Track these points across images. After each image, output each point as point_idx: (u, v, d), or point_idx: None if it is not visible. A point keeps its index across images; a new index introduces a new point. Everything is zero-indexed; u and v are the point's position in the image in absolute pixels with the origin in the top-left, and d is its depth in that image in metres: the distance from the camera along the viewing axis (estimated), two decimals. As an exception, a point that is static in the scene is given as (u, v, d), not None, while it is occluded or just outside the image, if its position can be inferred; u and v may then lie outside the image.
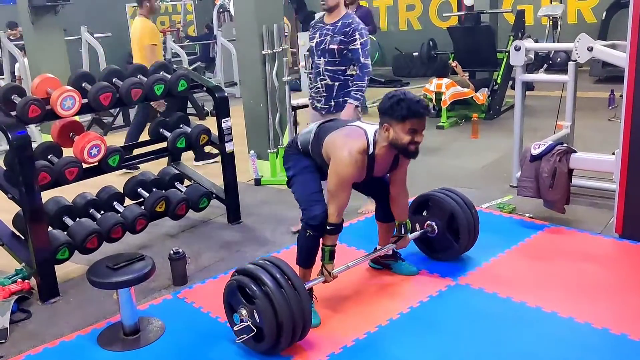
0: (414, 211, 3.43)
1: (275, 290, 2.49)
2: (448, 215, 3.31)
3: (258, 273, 2.55)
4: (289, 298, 2.49)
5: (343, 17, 3.79)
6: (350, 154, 2.72)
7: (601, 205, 4.15)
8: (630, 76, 3.42)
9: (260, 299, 2.49)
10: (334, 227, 2.82)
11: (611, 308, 2.86)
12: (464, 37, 7.82)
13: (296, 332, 2.54)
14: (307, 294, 2.61)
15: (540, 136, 4.38)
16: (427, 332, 2.78)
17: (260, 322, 2.51)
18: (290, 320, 2.49)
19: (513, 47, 4.52)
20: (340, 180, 2.74)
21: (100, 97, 3.46)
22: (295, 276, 2.61)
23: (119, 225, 3.64)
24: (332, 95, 3.86)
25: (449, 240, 3.36)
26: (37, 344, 2.88)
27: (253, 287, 2.52)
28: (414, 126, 2.67)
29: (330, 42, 3.76)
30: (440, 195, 3.37)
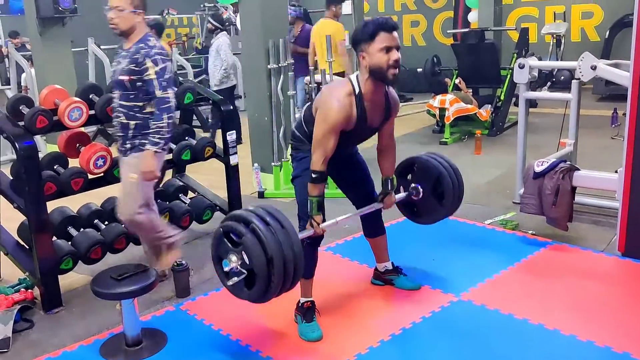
0: (399, 174, 3.34)
1: (262, 226, 2.39)
2: (434, 178, 3.25)
3: (243, 215, 2.47)
4: (277, 233, 2.39)
5: (138, 41, 3.16)
6: (337, 99, 2.68)
7: (604, 223, 4.15)
8: (633, 95, 3.44)
9: (246, 235, 2.39)
10: (318, 175, 2.73)
11: (614, 326, 2.86)
12: (468, 53, 7.87)
13: (288, 271, 2.42)
14: (295, 232, 2.50)
15: (544, 153, 4.39)
16: (429, 348, 2.78)
17: (250, 262, 2.40)
18: (281, 256, 2.38)
19: (517, 65, 4.56)
20: (327, 126, 2.67)
21: (107, 108, 3.48)
22: (283, 215, 2.50)
23: (122, 236, 3.66)
24: (127, 136, 3.23)
25: (433, 204, 3.30)
26: (40, 354, 2.89)
27: (239, 228, 2.43)
28: (384, 42, 2.63)
29: (119, 72, 3.17)
30: (426, 158, 3.29)
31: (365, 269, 3.55)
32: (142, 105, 3.17)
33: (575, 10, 10.42)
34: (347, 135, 2.76)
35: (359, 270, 3.58)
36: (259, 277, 2.40)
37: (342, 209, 3.05)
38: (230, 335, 2.95)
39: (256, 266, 2.39)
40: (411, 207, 3.42)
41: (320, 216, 2.80)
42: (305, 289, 2.97)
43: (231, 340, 2.91)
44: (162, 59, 3.12)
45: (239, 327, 3.02)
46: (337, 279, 3.46)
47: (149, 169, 3.14)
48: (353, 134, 2.80)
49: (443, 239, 4.03)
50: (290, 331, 2.95)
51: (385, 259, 3.34)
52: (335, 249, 3.91)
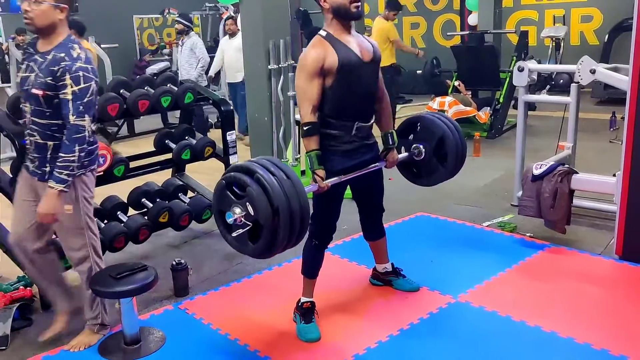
0: (401, 133, 3.27)
1: (267, 176, 2.32)
2: (437, 138, 3.15)
3: (246, 166, 2.40)
4: (282, 183, 2.33)
5: (58, 46, 2.58)
6: (308, 47, 2.70)
7: (601, 227, 4.17)
8: (632, 99, 3.45)
9: (251, 186, 2.31)
10: (310, 126, 2.67)
11: (610, 329, 2.88)
12: (468, 56, 7.89)
13: (294, 222, 2.35)
14: (300, 182, 2.43)
15: (542, 156, 4.41)
16: (427, 349, 2.79)
17: (255, 212, 2.31)
18: (287, 206, 2.30)
19: (516, 68, 4.57)
20: (305, 71, 2.64)
21: (108, 107, 3.49)
22: (287, 166, 2.46)
23: (122, 234, 3.66)
24: (45, 158, 2.67)
25: (434, 165, 3.22)
26: (38, 352, 2.89)
27: (243, 178, 2.34)
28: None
29: (33, 83, 2.58)
30: (430, 118, 3.20)
31: (364, 269, 3.56)
32: (61, 123, 2.58)
33: (575, 13, 10.45)
34: (345, 79, 2.69)
35: (358, 271, 3.59)
36: (265, 228, 2.32)
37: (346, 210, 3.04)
38: (228, 335, 2.96)
39: (262, 217, 2.29)
40: (412, 168, 3.32)
41: (323, 170, 2.71)
42: (307, 288, 2.98)
43: (229, 340, 2.92)
44: (86, 77, 2.53)
45: (238, 327, 3.03)
46: (336, 279, 3.47)
47: (48, 210, 2.57)
48: (350, 74, 2.70)
49: (441, 241, 4.04)
50: (289, 331, 2.95)
51: (384, 260, 3.35)
52: (334, 250, 3.92)
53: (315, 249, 2.92)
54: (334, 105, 2.73)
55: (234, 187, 2.42)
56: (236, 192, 2.41)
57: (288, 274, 3.59)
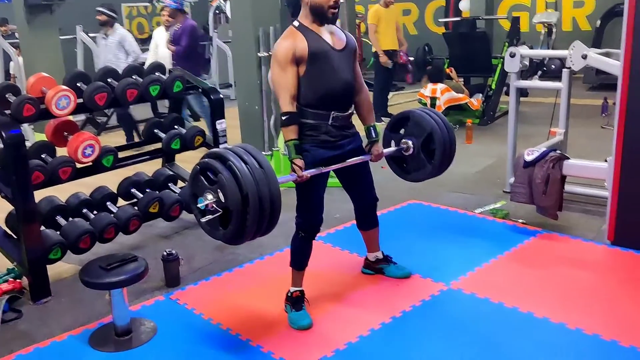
0: (391, 128, 3.28)
1: (238, 163, 2.36)
2: (426, 134, 3.15)
3: (221, 153, 2.44)
4: (253, 171, 2.36)
5: None
6: (280, 39, 2.74)
7: (593, 212, 4.17)
8: (623, 84, 3.44)
9: (222, 173, 2.35)
10: (288, 116, 2.69)
11: (602, 314, 2.88)
12: (460, 42, 7.86)
13: (264, 208, 2.38)
14: (272, 170, 2.46)
15: (534, 142, 4.40)
16: (419, 336, 2.78)
17: (225, 199, 2.36)
18: (256, 192, 2.34)
19: (508, 54, 4.55)
20: (278, 61, 2.68)
21: (96, 97, 3.45)
22: (261, 155, 2.48)
23: (112, 225, 3.63)
24: None
25: (422, 161, 3.23)
26: (28, 344, 2.87)
27: (216, 165, 2.39)
28: None
29: None
30: (420, 113, 3.19)
31: (356, 258, 3.55)
32: None
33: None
34: (318, 67, 2.70)
35: (350, 260, 3.58)
36: (234, 214, 2.36)
37: (335, 199, 3.03)
38: (220, 325, 2.94)
39: (231, 203, 2.35)
40: (401, 162, 3.32)
41: (301, 160, 2.71)
42: (296, 279, 2.97)
43: (221, 330, 2.91)
44: None
45: (229, 317, 3.01)
46: (327, 268, 3.46)
47: None
48: (323, 62, 2.71)
49: (433, 228, 4.03)
50: (280, 320, 2.94)
51: (376, 249, 3.35)
52: (325, 239, 3.91)
53: (302, 241, 2.90)
54: (309, 94, 2.74)
55: (208, 173, 2.45)
56: (210, 178, 2.45)
57: (280, 263, 3.57)
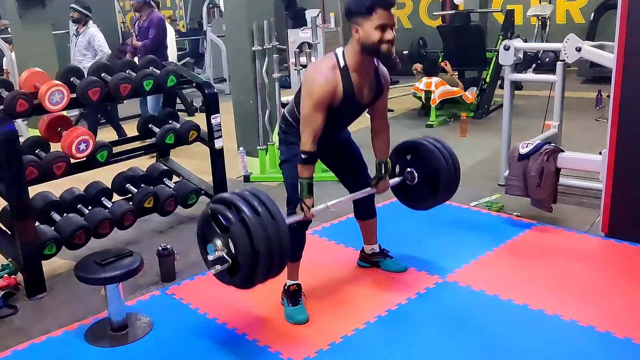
0: (398, 152, 3.27)
1: (252, 216, 2.33)
2: (432, 171, 3.15)
3: (234, 200, 2.40)
4: (266, 225, 2.34)
5: None
6: (320, 72, 2.61)
7: (588, 205, 4.19)
8: (617, 77, 3.45)
9: (235, 224, 2.33)
10: (308, 156, 2.66)
11: (597, 306, 2.90)
12: (454, 36, 7.86)
13: (273, 263, 2.41)
14: (284, 223, 2.45)
15: (528, 135, 4.41)
16: (415, 329, 2.79)
17: (235, 251, 2.36)
18: (267, 249, 2.34)
19: (502, 47, 4.55)
20: (312, 101, 2.59)
21: (89, 92, 3.43)
22: (273, 204, 2.44)
23: (106, 220, 3.62)
24: None
25: (423, 193, 3.24)
26: (24, 340, 2.86)
27: (228, 214, 2.36)
28: (381, 19, 2.51)
29: None
30: (431, 148, 3.16)
31: (352, 252, 3.55)
32: None
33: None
34: (335, 112, 2.69)
35: (345, 253, 3.59)
36: (243, 267, 2.38)
37: (330, 193, 3.03)
38: (216, 319, 2.94)
39: (241, 257, 2.36)
40: (404, 190, 3.33)
41: (311, 199, 2.73)
42: (292, 272, 2.97)
43: (217, 324, 2.91)
44: None
45: (225, 311, 3.01)
46: (323, 262, 3.46)
47: None
48: (341, 111, 2.72)
49: (429, 221, 4.03)
50: (277, 315, 2.95)
51: (373, 242, 3.35)
52: (321, 232, 3.91)
53: (294, 233, 2.85)
54: None
55: (220, 218, 2.42)
56: (221, 223, 2.42)
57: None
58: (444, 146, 3.22)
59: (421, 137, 3.28)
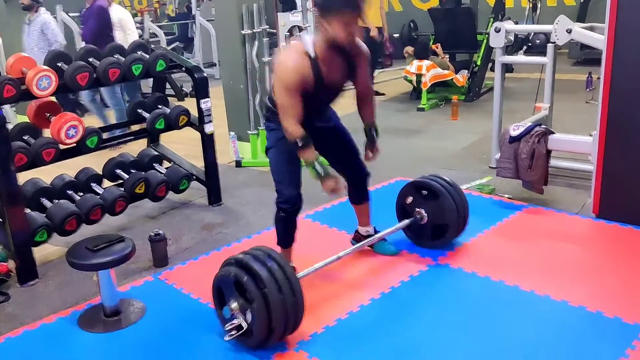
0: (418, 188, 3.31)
1: (275, 294, 2.36)
2: (443, 220, 3.24)
3: (260, 275, 2.39)
4: (286, 301, 2.39)
5: None
6: (289, 56, 2.64)
7: (578, 186, 4.21)
8: (607, 58, 3.45)
9: (257, 300, 2.36)
10: (303, 140, 2.66)
11: (587, 287, 2.92)
12: (445, 18, 7.83)
13: (286, 333, 2.49)
14: (302, 294, 2.48)
15: (519, 118, 4.41)
16: (408, 311, 2.81)
17: (252, 322, 2.42)
18: (283, 323, 2.42)
19: (493, 29, 4.54)
20: (284, 85, 2.61)
21: (77, 77, 3.39)
22: (293, 275, 2.50)
23: (98, 207, 3.61)
24: None
25: (427, 234, 3.33)
26: (17, 326, 2.86)
27: (252, 288, 2.38)
28: (348, 20, 2.55)
29: None
30: (448, 199, 3.21)
31: (345, 235, 3.55)
32: None
33: (552, -26, 10.38)
34: (311, 96, 2.68)
35: (339, 237, 3.59)
36: (257, 335, 2.43)
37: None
38: (209, 304, 2.93)
39: (257, 329, 2.41)
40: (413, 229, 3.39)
41: (330, 176, 2.72)
42: (285, 257, 2.95)
43: (210, 309, 2.89)
44: None
45: (218, 296, 3.01)
46: (316, 246, 3.45)
47: None
48: (317, 94, 2.71)
49: (421, 205, 4.05)
50: (270, 298, 2.95)
51: (367, 223, 3.34)
52: (314, 217, 3.91)
53: (284, 220, 2.90)
54: None
55: (242, 284, 2.42)
56: (242, 288, 2.43)
57: (268, 242, 3.52)
58: (459, 193, 3.29)
59: (441, 182, 3.29)
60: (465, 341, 2.55)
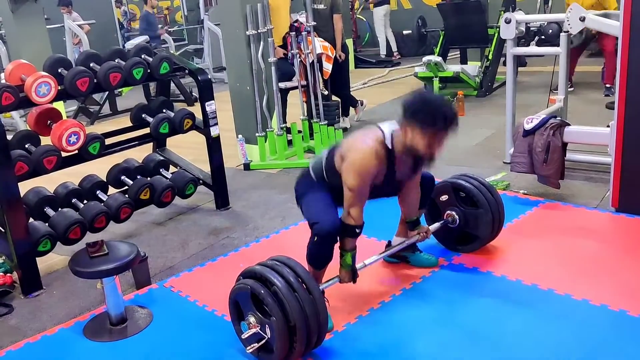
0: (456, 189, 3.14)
1: (299, 319, 2.22)
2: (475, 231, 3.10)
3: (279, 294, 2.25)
4: (303, 302, 2.24)
5: None
6: (368, 145, 2.50)
7: (596, 180, 4.07)
8: (624, 45, 3.31)
9: (276, 317, 2.22)
10: (360, 230, 2.57)
11: (609, 284, 2.79)
12: (454, 13, 7.69)
13: (307, 349, 2.34)
14: (322, 298, 2.35)
15: (533, 112, 4.29)
16: (423, 312, 2.70)
17: (270, 337, 2.28)
18: (305, 342, 2.27)
19: (504, 20, 4.41)
20: (359, 172, 2.48)
21: (77, 82, 3.33)
22: (312, 281, 2.35)
23: (102, 214, 3.54)
24: None
25: (453, 237, 3.18)
26: (19, 339, 2.79)
27: (271, 302, 2.24)
28: (435, 140, 2.43)
29: None
30: (486, 206, 3.03)
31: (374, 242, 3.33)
32: None
33: (563, -35, 10.18)
34: (375, 188, 2.59)
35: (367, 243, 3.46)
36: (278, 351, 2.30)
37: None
38: (215, 311, 2.86)
39: (277, 345, 2.27)
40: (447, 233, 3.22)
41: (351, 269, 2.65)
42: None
43: (217, 317, 2.82)
44: None
45: (225, 303, 2.90)
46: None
47: None
48: (381, 187, 2.63)
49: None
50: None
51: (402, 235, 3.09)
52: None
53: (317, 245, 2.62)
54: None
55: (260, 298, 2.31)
56: (260, 304, 2.32)
57: (276, 247, 3.49)
58: (500, 216, 3.11)
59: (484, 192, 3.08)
60: (482, 343, 2.44)
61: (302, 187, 2.79)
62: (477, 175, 3.21)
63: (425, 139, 2.42)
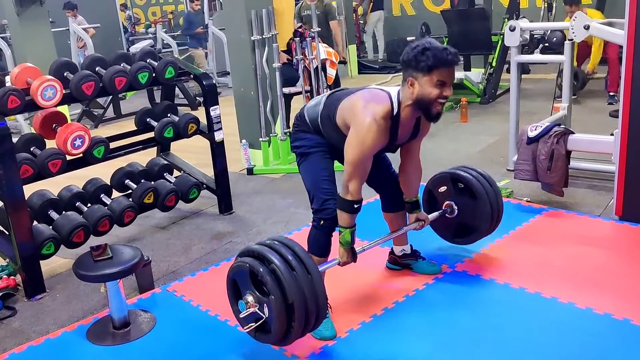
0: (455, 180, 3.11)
1: (297, 292, 2.17)
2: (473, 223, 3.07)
3: (265, 254, 2.23)
4: (300, 279, 2.19)
5: None
6: (375, 120, 2.40)
7: (600, 187, 4.07)
8: (628, 54, 3.32)
9: (275, 295, 2.18)
10: (359, 205, 2.50)
11: (613, 292, 2.78)
12: (458, 20, 7.70)
13: (306, 330, 2.30)
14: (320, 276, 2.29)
15: (537, 119, 4.29)
16: (426, 319, 2.70)
17: (269, 317, 2.25)
18: (303, 321, 2.23)
19: (508, 28, 4.42)
20: (363, 150, 2.42)
21: (83, 86, 3.34)
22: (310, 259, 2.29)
23: (106, 217, 3.55)
24: None
25: (451, 229, 3.16)
26: (22, 342, 2.79)
27: (268, 280, 2.19)
28: (442, 77, 2.35)
29: None
30: (484, 196, 3.00)
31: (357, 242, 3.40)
32: None
33: (567, -28, 10.19)
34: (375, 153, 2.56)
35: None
36: (276, 332, 2.26)
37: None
38: (218, 316, 2.86)
39: (275, 325, 2.24)
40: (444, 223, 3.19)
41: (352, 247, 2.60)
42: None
43: (219, 321, 2.82)
44: None
45: (227, 308, 2.90)
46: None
47: None
48: (380, 152, 2.61)
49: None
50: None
51: (403, 241, 3.10)
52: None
53: (324, 234, 2.64)
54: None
55: (257, 276, 2.27)
56: (258, 282, 2.27)
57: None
58: (497, 191, 3.09)
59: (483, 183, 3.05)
60: (485, 351, 2.44)
61: (299, 143, 2.72)
62: (476, 167, 3.19)
63: (434, 81, 2.36)
